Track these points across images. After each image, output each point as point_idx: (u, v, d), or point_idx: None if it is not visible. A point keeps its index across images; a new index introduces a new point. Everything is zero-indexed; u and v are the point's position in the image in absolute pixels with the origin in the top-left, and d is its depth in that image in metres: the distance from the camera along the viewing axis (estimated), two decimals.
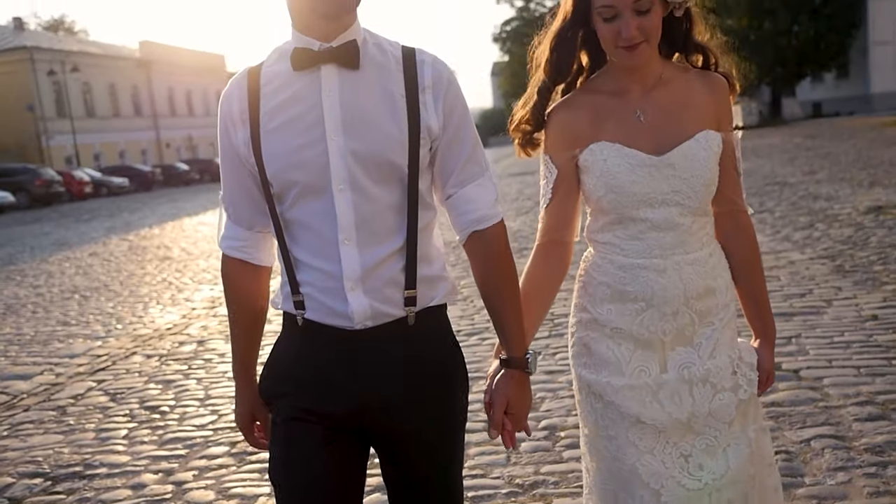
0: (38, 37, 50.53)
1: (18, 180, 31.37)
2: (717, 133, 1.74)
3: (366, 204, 1.51)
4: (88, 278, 10.32)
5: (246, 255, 1.66)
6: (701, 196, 1.72)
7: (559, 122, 1.78)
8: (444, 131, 1.55)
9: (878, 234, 7.11)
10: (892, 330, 4.35)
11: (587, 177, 1.76)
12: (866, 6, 34.51)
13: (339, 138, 1.49)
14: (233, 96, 1.58)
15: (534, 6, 61.84)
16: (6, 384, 5.40)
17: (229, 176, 1.62)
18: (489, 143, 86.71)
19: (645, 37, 1.64)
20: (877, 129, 21.74)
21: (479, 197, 1.59)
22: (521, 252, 8.35)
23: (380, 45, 1.56)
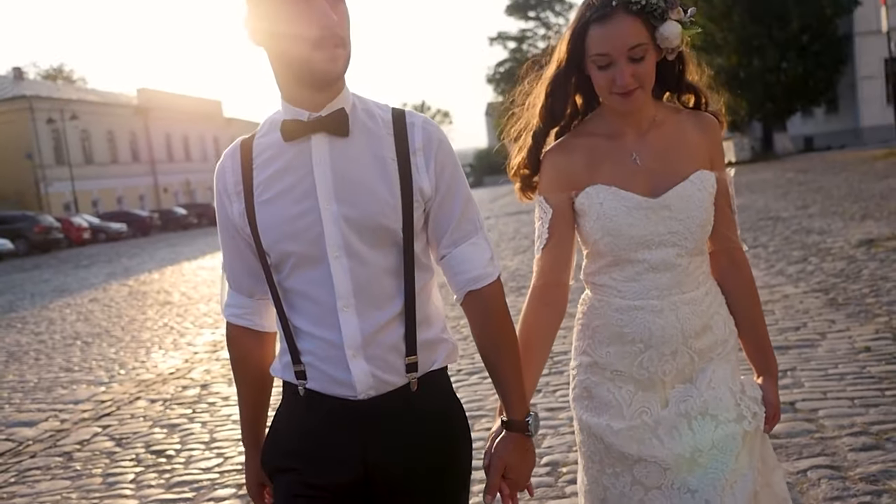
0: (37, 86, 51.17)
1: (17, 227, 31.51)
2: (711, 173, 1.76)
3: (362, 270, 1.51)
4: (90, 324, 10.38)
5: (249, 322, 1.67)
6: (697, 236, 1.73)
7: (554, 165, 1.79)
8: (436, 192, 1.55)
9: (869, 266, 7.23)
10: (885, 361, 4.44)
11: (583, 220, 1.77)
12: (853, 43, 35.15)
13: (332, 206, 1.49)
14: (226, 169, 1.59)
15: (526, 47, 62.84)
16: (12, 431, 5.44)
17: (228, 246, 1.64)
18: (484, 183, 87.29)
19: (639, 83, 1.66)
20: (867, 162, 22.02)
21: (474, 256, 1.58)
22: (520, 291, 8.44)
23: (369, 109, 1.57)
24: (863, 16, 33.86)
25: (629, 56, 1.64)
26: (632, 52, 1.64)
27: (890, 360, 4.43)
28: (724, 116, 1.84)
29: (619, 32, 1.64)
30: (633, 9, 1.64)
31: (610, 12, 1.64)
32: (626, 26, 1.64)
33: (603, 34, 1.65)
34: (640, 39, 1.64)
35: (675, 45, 1.68)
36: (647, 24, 1.65)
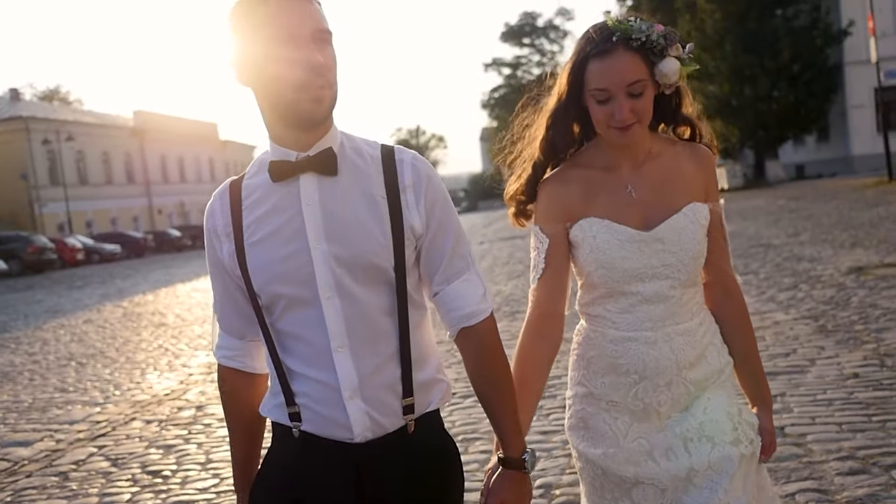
0: (33, 107, 51.31)
1: (11, 247, 31.52)
2: (704, 205, 1.78)
3: (355, 310, 1.49)
4: (84, 345, 10.38)
5: (240, 364, 1.66)
6: (690, 268, 1.74)
7: (550, 196, 1.80)
8: (427, 229, 1.54)
9: (859, 294, 7.32)
10: (872, 388, 4.51)
11: (578, 251, 1.78)
12: (843, 72, 35.59)
13: (323, 245, 1.48)
14: (216, 210, 1.58)
15: (521, 74, 63.39)
16: (7, 451, 5.46)
17: (218, 287, 1.63)
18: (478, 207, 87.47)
19: (637, 118, 1.68)
20: (858, 190, 22.23)
21: (467, 293, 1.57)
22: (514, 315, 8.51)
23: (357, 148, 1.56)
24: (853, 46, 34.29)
25: (628, 91, 1.65)
26: (631, 88, 1.65)
27: (877, 387, 4.51)
28: (716, 147, 1.86)
29: (618, 68, 1.65)
30: (634, 45, 1.66)
31: (610, 48, 1.66)
32: (625, 62, 1.65)
33: (602, 69, 1.66)
34: (639, 75, 1.66)
35: (673, 81, 1.70)
36: (647, 60, 1.67)
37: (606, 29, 1.68)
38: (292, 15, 1.43)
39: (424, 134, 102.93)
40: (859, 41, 32.85)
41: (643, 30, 1.66)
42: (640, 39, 1.65)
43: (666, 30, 1.70)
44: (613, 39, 1.66)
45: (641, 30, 1.66)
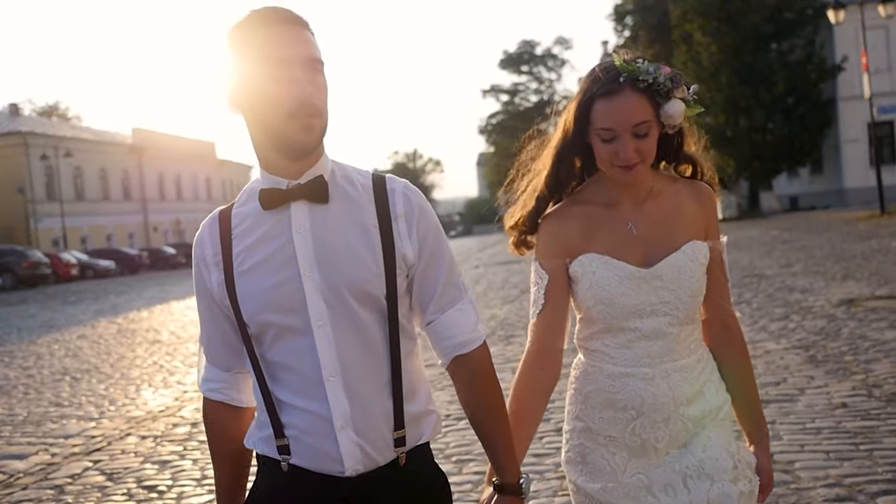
0: (32, 122, 51.49)
1: (5, 261, 31.54)
2: (704, 243, 1.78)
3: (347, 338, 1.48)
4: (78, 360, 10.40)
5: (226, 396, 1.63)
6: (688, 306, 1.75)
7: (550, 232, 1.82)
8: (419, 258, 1.54)
9: (849, 325, 7.42)
10: (860, 417, 4.59)
11: (577, 286, 1.79)
12: (837, 107, 36.01)
13: (315, 274, 1.47)
14: (205, 239, 1.57)
15: (518, 100, 63.84)
16: (2, 464, 5.49)
17: (205, 318, 1.61)
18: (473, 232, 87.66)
19: (641, 158, 1.69)
20: (850, 223, 22.42)
21: (461, 321, 1.58)
22: (508, 339, 8.57)
23: (349, 176, 1.56)
24: (846, 81, 34.74)
25: (633, 132, 1.67)
26: (636, 129, 1.67)
27: (865, 416, 4.58)
28: (716, 185, 1.87)
29: (624, 108, 1.66)
30: (640, 86, 1.67)
31: (617, 88, 1.67)
32: (631, 103, 1.66)
33: (608, 109, 1.67)
34: (645, 116, 1.67)
35: (678, 122, 1.71)
36: (653, 102, 1.68)
37: (614, 69, 1.69)
38: (284, 43, 1.44)
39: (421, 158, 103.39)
40: (853, 76, 33.32)
41: (650, 71, 1.68)
42: (647, 81, 1.67)
43: (673, 72, 1.70)
44: (620, 80, 1.67)
45: (648, 71, 1.68)
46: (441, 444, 4.80)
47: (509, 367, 6.90)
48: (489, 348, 1.62)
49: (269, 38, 1.43)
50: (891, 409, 4.63)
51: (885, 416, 4.52)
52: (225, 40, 1.48)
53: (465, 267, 22.04)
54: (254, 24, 1.45)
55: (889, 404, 4.74)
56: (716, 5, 33.25)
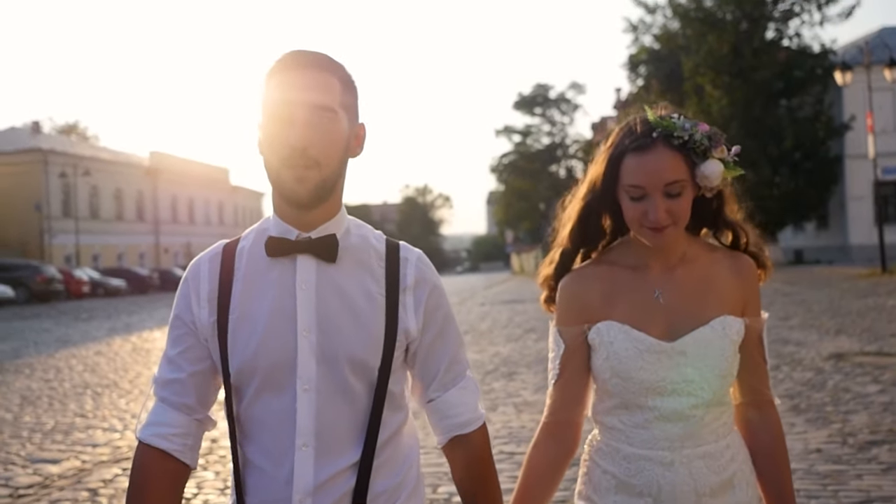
0: (52, 140, 52.52)
1: (19, 275, 32.10)
2: (739, 319, 1.64)
3: (330, 408, 1.42)
4: (97, 375, 10.82)
5: (174, 445, 1.46)
6: (715, 387, 1.61)
7: (570, 295, 1.70)
8: (424, 333, 1.50)
9: (834, 378, 7.82)
10: (832, 462, 4.99)
11: (594, 356, 1.67)
12: (843, 164, 36.59)
13: (312, 335, 1.41)
14: (202, 272, 1.49)
15: (530, 142, 64.73)
16: (38, 467, 5.91)
17: (180, 351, 1.48)
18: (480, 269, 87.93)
19: (673, 220, 1.57)
20: (851, 279, 22.80)
21: (463, 401, 1.54)
22: (511, 376, 8.98)
23: (364, 237, 1.51)
24: (854, 140, 35.35)
25: (665, 191, 1.55)
26: (669, 188, 1.55)
27: (836, 461, 4.98)
28: (767, 259, 1.72)
29: (656, 167, 1.54)
30: (675, 143, 1.55)
31: (650, 143, 1.56)
32: (665, 161, 1.54)
33: (639, 165, 1.56)
34: (678, 176, 1.55)
35: (715, 184, 1.58)
36: (688, 161, 1.56)
37: (647, 123, 1.58)
38: (293, 87, 1.39)
39: (431, 193, 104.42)
40: (860, 135, 33.89)
41: (686, 128, 1.57)
42: (683, 138, 1.56)
43: (711, 130, 1.59)
44: (654, 135, 1.56)
45: (685, 128, 1.57)
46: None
47: (511, 402, 7.32)
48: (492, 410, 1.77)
49: (284, 81, 1.39)
50: (860, 456, 5.03)
51: (855, 462, 4.91)
52: (264, 77, 1.45)
53: (471, 304, 22.44)
54: (278, 66, 1.42)
55: (860, 451, 5.14)
56: (727, 60, 34.02)
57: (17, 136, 49.55)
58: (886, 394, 6.91)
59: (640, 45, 40.90)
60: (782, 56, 34.85)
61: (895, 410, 6.24)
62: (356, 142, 1.48)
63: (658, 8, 38.08)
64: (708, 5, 35.68)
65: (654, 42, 40.09)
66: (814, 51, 35.23)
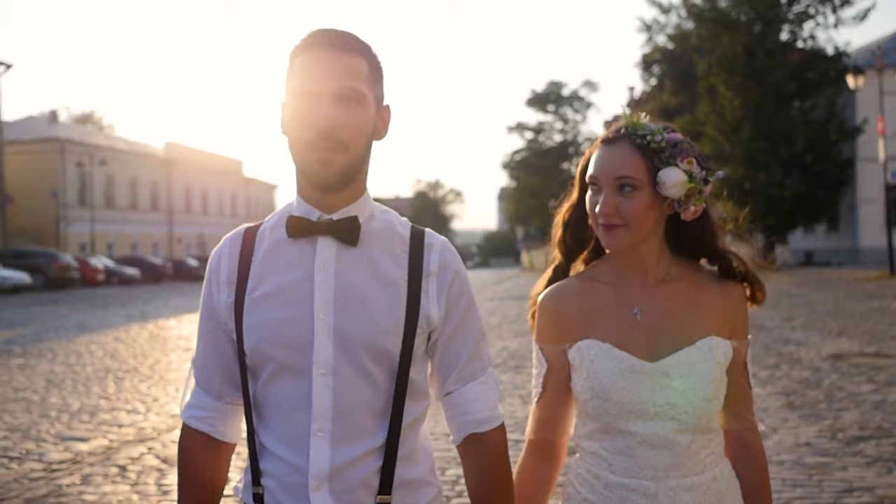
0: (70, 129, 53.09)
1: (37, 262, 32.64)
2: (726, 341, 1.59)
3: (348, 393, 1.39)
4: (117, 361, 11.18)
5: (210, 427, 1.51)
6: (700, 411, 1.54)
7: (549, 312, 1.66)
8: (445, 322, 1.46)
9: (831, 377, 8.08)
10: (820, 454, 5.26)
11: (575, 375, 1.62)
12: (855, 167, 36.64)
13: (329, 317, 1.38)
14: (223, 256, 1.49)
15: (542, 139, 64.85)
16: (68, 444, 6.25)
17: (206, 338, 1.51)
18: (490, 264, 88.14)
19: (623, 220, 1.54)
20: (859, 282, 22.96)
21: (482, 396, 1.49)
22: (518, 369, 9.27)
23: (389, 222, 1.48)
24: (865, 143, 35.43)
25: (617, 185, 1.54)
26: (620, 182, 1.53)
27: (823, 454, 5.26)
28: (762, 287, 1.66)
29: (612, 159, 1.55)
30: (637, 142, 1.55)
31: (615, 139, 1.58)
32: (622, 156, 1.54)
33: (598, 158, 1.58)
34: (632, 172, 1.53)
35: (673, 194, 1.54)
36: (648, 163, 1.54)
37: (619, 121, 1.62)
38: (320, 68, 1.36)
39: (443, 188, 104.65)
40: (872, 138, 33.94)
41: (651, 129, 1.57)
42: (645, 138, 1.55)
43: (684, 141, 1.58)
44: (621, 132, 1.59)
45: (649, 129, 1.57)
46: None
47: (518, 394, 7.62)
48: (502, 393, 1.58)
49: (309, 62, 1.37)
50: (847, 450, 5.31)
51: (842, 455, 5.19)
52: (290, 52, 1.42)
53: (481, 299, 22.76)
54: (304, 44, 1.40)
55: (847, 446, 5.41)
56: (741, 61, 34.12)
57: (34, 125, 50.16)
58: (879, 393, 7.18)
59: (653, 44, 41.05)
60: (796, 58, 34.92)
61: (885, 409, 6.51)
62: (381, 125, 1.46)
63: (672, 8, 38.24)
64: (722, 6, 35.78)
65: (667, 42, 40.24)
66: (827, 53, 35.28)
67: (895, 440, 5.51)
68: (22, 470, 5.49)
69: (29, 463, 5.67)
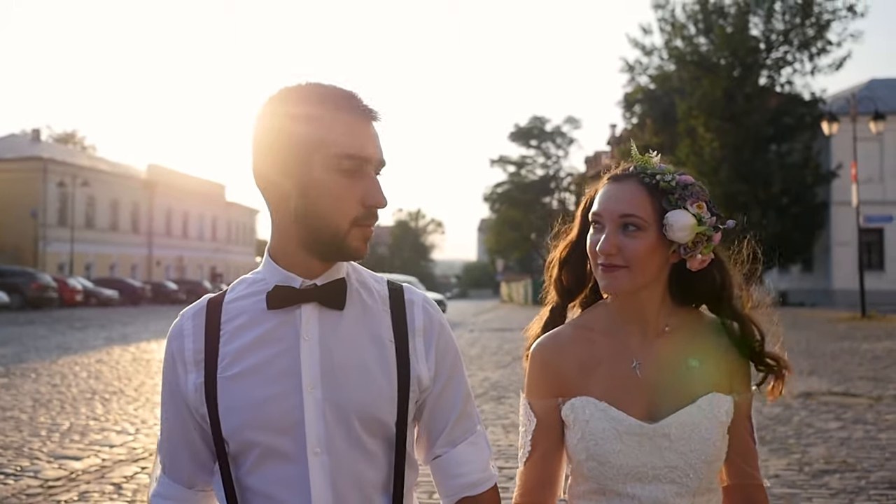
0: (53, 149, 53.08)
1: (15, 282, 32.49)
2: (727, 397, 1.51)
3: (345, 472, 1.29)
4: (102, 383, 11.27)
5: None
6: (702, 474, 1.48)
7: (543, 364, 1.56)
8: (434, 382, 1.38)
9: (801, 414, 8.39)
10: (787, 486, 5.54)
11: (568, 433, 1.53)
12: (829, 210, 37.49)
13: (318, 391, 1.29)
14: (185, 332, 1.36)
15: (524, 172, 65.64)
16: (62, 462, 6.39)
17: (171, 422, 1.38)
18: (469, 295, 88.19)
19: (625, 262, 1.46)
20: (832, 323, 23.47)
21: (473, 458, 1.41)
22: (500, 399, 9.51)
23: (364, 282, 1.40)
24: (840, 187, 36.30)
25: (621, 223, 1.46)
26: (625, 220, 1.46)
27: (790, 486, 5.54)
28: (786, 366, 1.59)
29: (618, 196, 1.49)
30: (645, 180, 1.49)
31: (622, 176, 1.52)
32: (628, 193, 1.48)
33: (604, 194, 1.51)
34: (637, 211, 1.47)
35: (680, 238, 1.47)
36: (656, 203, 1.48)
37: (629, 160, 1.57)
38: (367, 137, 1.29)
39: (424, 217, 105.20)
40: (846, 182, 34.82)
41: (661, 169, 1.51)
42: (655, 177, 1.49)
43: (693, 183, 1.52)
44: (630, 169, 1.53)
45: (660, 169, 1.51)
46: None
47: (500, 424, 7.86)
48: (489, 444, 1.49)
49: (354, 125, 1.28)
50: (813, 482, 5.59)
51: (808, 487, 5.48)
52: (299, 98, 1.28)
53: (461, 331, 22.97)
54: (332, 102, 1.28)
55: (813, 479, 5.70)
56: (720, 104, 34.98)
57: (17, 144, 50.12)
58: (846, 430, 7.49)
59: (635, 84, 41.94)
60: (773, 103, 35.90)
61: (851, 445, 6.82)
62: None
63: (655, 50, 39.19)
64: (703, 50, 36.74)
65: (649, 82, 41.15)
66: (804, 98, 36.25)
67: (858, 474, 5.81)
68: (19, 486, 5.63)
69: (25, 479, 5.80)
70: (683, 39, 37.09)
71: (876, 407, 8.78)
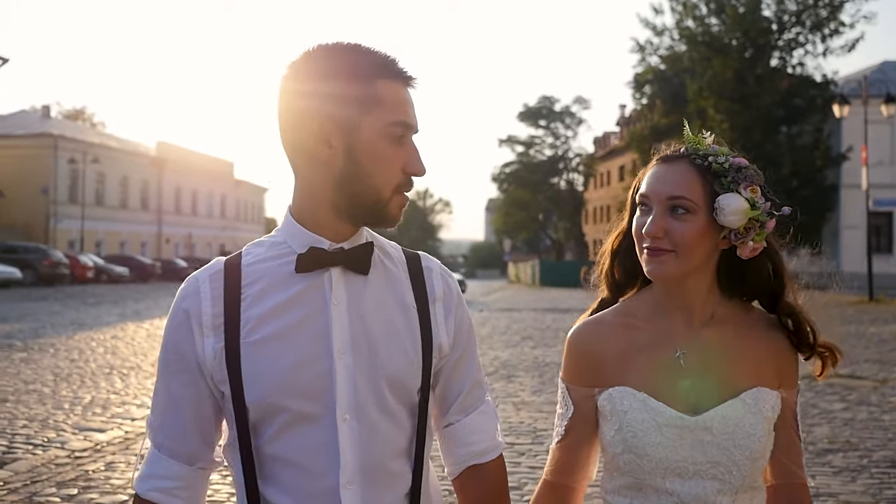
0: (62, 126, 53.19)
1: (28, 258, 32.78)
2: (775, 392, 1.47)
3: (373, 437, 1.28)
4: (119, 358, 11.50)
5: (179, 500, 1.31)
6: (745, 471, 1.42)
7: (580, 352, 1.52)
8: (452, 350, 1.39)
9: (806, 396, 8.52)
10: None
11: (604, 424, 1.48)
12: (839, 193, 37.41)
13: (348, 356, 1.27)
14: (202, 295, 1.30)
15: (533, 152, 65.52)
16: (87, 434, 6.59)
17: (175, 393, 1.31)
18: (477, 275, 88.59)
19: (672, 245, 1.40)
20: (840, 306, 23.49)
21: (484, 426, 1.42)
22: (510, 378, 9.69)
23: (384, 247, 1.39)
24: (850, 170, 36.17)
25: (669, 205, 1.41)
26: (673, 202, 1.41)
27: None
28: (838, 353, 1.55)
29: (668, 178, 1.43)
30: (696, 162, 1.43)
31: (673, 157, 1.46)
32: (678, 175, 1.42)
33: (653, 175, 1.46)
34: (687, 193, 1.41)
35: (732, 223, 1.40)
36: (707, 186, 1.41)
37: (681, 141, 1.51)
38: (410, 104, 1.30)
39: (432, 197, 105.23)
40: (856, 165, 34.68)
41: (714, 150, 1.45)
42: (707, 159, 1.43)
43: (748, 166, 1.45)
44: (681, 150, 1.47)
45: (713, 150, 1.45)
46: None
47: (510, 401, 8.04)
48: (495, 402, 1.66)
49: (398, 93, 1.28)
50: (817, 461, 5.75)
51: (811, 465, 5.63)
52: (340, 68, 1.26)
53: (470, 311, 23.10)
54: (381, 66, 1.28)
55: (817, 457, 5.86)
56: (730, 85, 34.85)
57: (27, 120, 50.28)
58: (849, 411, 7.65)
59: (646, 65, 41.74)
60: (784, 84, 35.71)
61: (854, 425, 6.98)
62: None
63: (666, 30, 38.97)
64: (714, 31, 36.54)
65: (659, 63, 40.95)
66: (816, 80, 36.07)
67: (860, 453, 5.97)
68: (47, 456, 5.83)
69: (53, 450, 6.01)
70: (695, 19, 36.89)
71: (881, 389, 8.92)
